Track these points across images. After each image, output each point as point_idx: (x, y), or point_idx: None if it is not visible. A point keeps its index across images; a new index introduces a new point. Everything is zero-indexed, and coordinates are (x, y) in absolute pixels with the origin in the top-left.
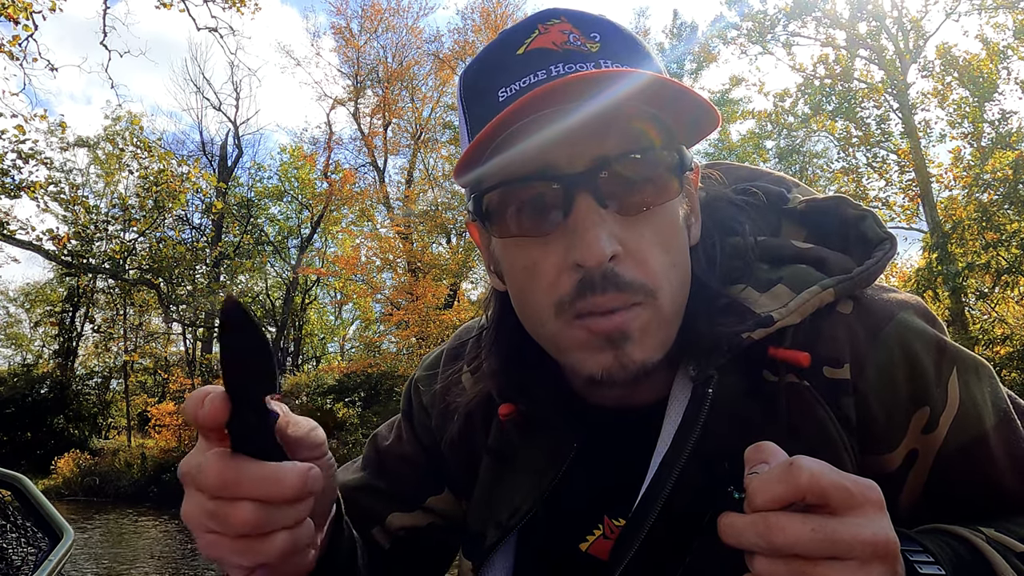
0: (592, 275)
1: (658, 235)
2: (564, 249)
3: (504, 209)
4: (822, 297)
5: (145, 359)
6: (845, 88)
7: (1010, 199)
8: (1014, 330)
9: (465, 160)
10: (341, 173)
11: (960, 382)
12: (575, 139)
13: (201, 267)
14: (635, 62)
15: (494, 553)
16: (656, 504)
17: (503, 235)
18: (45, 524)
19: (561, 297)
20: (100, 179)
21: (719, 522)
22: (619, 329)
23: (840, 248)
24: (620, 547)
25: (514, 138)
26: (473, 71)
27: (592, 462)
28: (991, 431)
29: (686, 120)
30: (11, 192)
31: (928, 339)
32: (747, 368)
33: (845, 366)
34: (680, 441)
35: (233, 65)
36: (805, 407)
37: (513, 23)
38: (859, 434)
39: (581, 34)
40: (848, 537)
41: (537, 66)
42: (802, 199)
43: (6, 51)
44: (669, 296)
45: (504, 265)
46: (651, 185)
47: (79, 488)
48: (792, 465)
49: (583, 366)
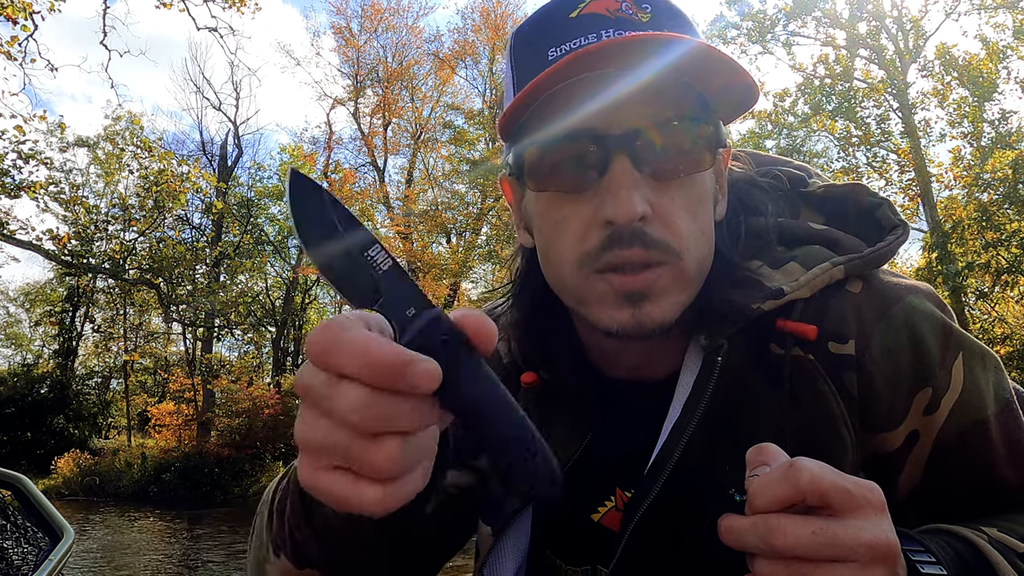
0: (621, 231)
1: (687, 202)
2: (596, 206)
3: (541, 164)
4: (832, 273)
5: (145, 359)
6: (845, 88)
7: (1010, 199)
8: (1014, 330)
9: (509, 114)
10: (341, 173)
11: (964, 367)
12: (617, 103)
13: (201, 267)
14: (683, 34)
15: (514, 520)
16: (665, 469)
17: (538, 188)
18: (45, 524)
19: (587, 251)
20: (100, 179)
21: (720, 524)
22: (640, 288)
23: (855, 232)
24: (629, 514)
25: (558, 97)
26: (525, 29)
27: (606, 434)
28: (992, 418)
29: (726, 95)
30: (11, 192)
31: (935, 322)
32: (756, 339)
33: (850, 342)
34: (690, 407)
35: (233, 65)
36: (808, 379)
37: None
38: (860, 410)
39: (634, 3)
40: (849, 540)
41: (588, 30)
42: (821, 184)
43: (4, 51)
44: (694, 260)
45: (534, 219)
46: (685, 154)
47: (79, 488)
48: (792, 467)
49: (600, 319)
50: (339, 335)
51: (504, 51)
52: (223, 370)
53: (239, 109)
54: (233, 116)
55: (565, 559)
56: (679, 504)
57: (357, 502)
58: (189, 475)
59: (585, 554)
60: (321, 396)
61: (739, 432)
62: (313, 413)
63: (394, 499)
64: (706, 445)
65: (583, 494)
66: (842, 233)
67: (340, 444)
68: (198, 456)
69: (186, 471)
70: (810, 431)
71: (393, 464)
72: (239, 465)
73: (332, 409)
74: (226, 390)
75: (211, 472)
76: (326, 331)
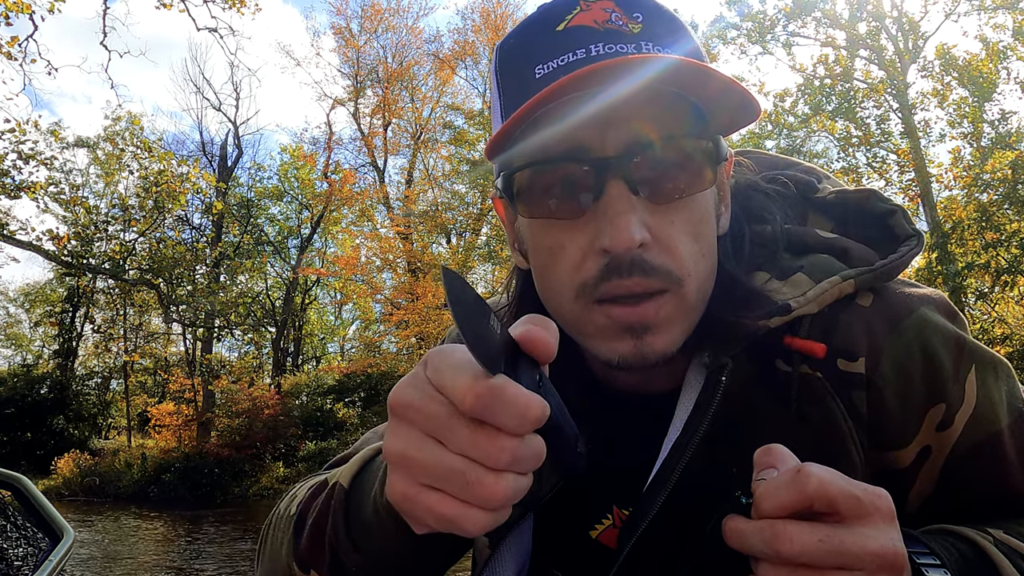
0: (619, 260)
1: (688, 224)
2: (592, 233)
3: (533, 189)
4: (842, 288)
5: (145, 359)
6: (845, 88)
7: (1009, 199)
8: (1014, 330)
9: (498, 138)
10: (341, 173)
11: (978, 380)
12: (610, 123)
13: (201, 267)
14: (677, 46)
15: (512, 532)
16: (664, 488)
17: (531, 215)
18: (45, 524)
19: (584, 281)
20: (100, 179)
21: (725, 526)
22: (642, 320)
23: (866, 241)
24: (627, 532)
25: (548, 117)
26: (510, 45)
27: (606, 449)
28: (1006, 430)
29: (724, 110)
30: (11, 192)
31: (947, 335)
32: (762, 357)
33: (860, 360)
34: (691, 426)
35: (233, 65)
36: (815, 398)
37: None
38: (870, 428)
39: (624, 13)
40: (856, 548)
41: (576, 45)
42: (832, 190)
43: (4, 52)
44: (695, 285)
45: (529, 244)
46: (684, 174)
47: (79, 488)
48: (800, 472)
49: (600, 352)
50: (499, 394)
51: (490, 66)
52: (223, 370)
53: (239, 109)
54: (233, 116)
55: (565, 572)
56: (677, 523)
57: (461, 524)
58: (189, 475)
59: (584, 569)
60: (441, 426)
61: (743, 450)
62: (418, 434)
63: (496, 524)
64: (708, 463)
65: (581, 510)
66: (852, 242)
67: (456, 471)
68: (198, 456)
69: (186, 471)
70: (817, 450)
71: (510, 498)
72: (239, 465)
73: (454, 440)
74: (226, 390)
75: (211, 472)
76: (481, 385)
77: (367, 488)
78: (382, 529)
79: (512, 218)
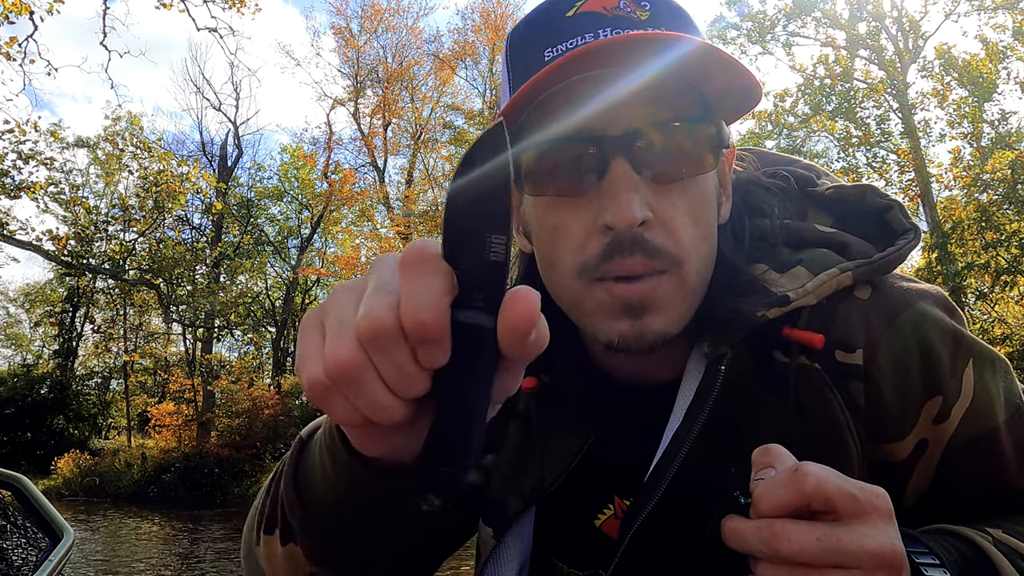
0: (621, 238)
1: (689, 206)
2: (595, 212)
3: (539, 167)
4: (840, 280)
5: (145, 359)
6: (845, 88)
7: (1009, 199)
8: (1014, 330)
9: (506, 113)
10: (341, 173)
11: (975, 374)
12: (615, 103)
13: (201, 267)
14: (683, 33)
15: (516, 522)
16: (665, 477)
17: (536, 193)
18: (45, 524)
19: (587, 259)
20: (100, 179)
21: (723, 526)
22: (641, 298)
23: (864, 235)
24: (628, 521)
25: (555, 98)
26: (521, 29)
27: (607, 439)
28: (1002, 425)
29: (728, 95)
30: (11, 192)
31: (945, 329)
32: (760, 348)
33: (858, 351)
34: (692, 415)
35: (233, 65)
36: (813, 389)
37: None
38: (867, 420)
39: (632, 0)
40: (854, 547)
41: (585, 29)
42: (830, 185)
43: (3, 52)
44: (695, 267)
45: (533, 224)
46: (687, 156)
47: (79, 488)
48: (798, 471)
49: (600, 331)
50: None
51: (501, 53)
52: (223, 370)
53: (239, 109)
54: (233, 116)
55: (567, 563)
56: (678, 512)
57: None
58: (189, 475)
59: (587, 559)
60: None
61: (741, 441)
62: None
63: (400, 414)
64: (707, 453)
65: (584, 500)
66: (851, 236)
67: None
68: (198, 456)
69: (186, 471)
70: (815, 441)
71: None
72: (239, 465)
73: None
74: (226, 390)
75: (211, 472)
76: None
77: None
78: (323, 471)
79: (517, 201)
